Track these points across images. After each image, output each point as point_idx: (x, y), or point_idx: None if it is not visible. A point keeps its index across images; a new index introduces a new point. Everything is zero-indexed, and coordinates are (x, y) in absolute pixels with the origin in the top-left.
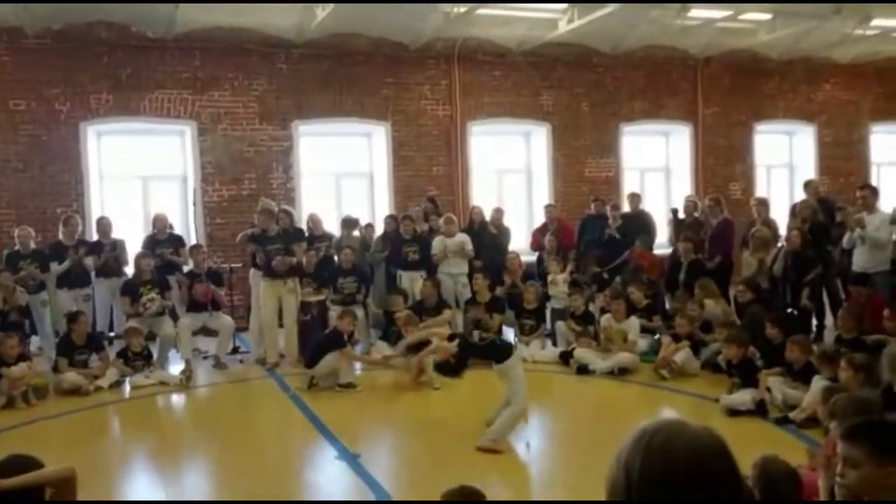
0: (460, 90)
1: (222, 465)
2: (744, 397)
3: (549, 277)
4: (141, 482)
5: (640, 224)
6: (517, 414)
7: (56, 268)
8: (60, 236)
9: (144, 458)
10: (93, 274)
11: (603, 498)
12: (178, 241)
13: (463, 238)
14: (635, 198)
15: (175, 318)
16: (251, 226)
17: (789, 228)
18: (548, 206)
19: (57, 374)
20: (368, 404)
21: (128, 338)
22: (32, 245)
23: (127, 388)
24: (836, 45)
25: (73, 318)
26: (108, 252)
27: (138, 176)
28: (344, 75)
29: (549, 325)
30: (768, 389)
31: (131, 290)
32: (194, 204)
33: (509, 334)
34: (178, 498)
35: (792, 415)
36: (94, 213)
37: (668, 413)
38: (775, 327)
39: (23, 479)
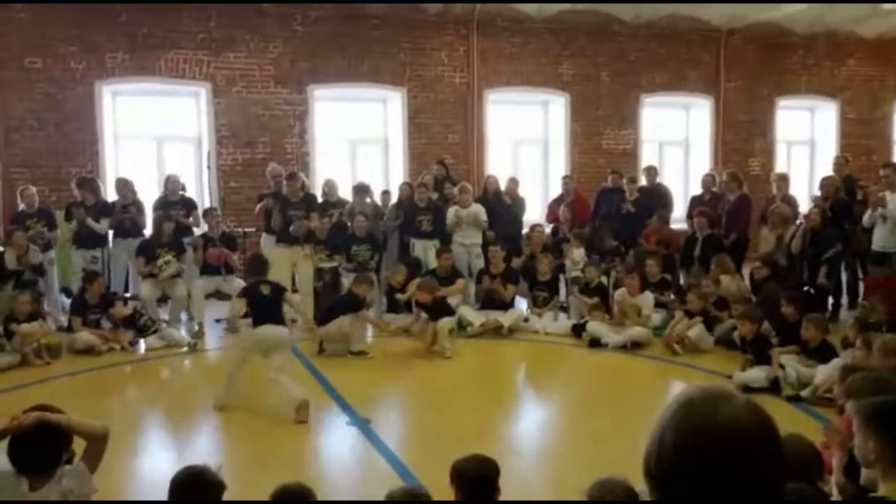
0: (478, 57)
1: (234, 427)
2: (758, 375)
3: (566, 250)
4: (152, 441)
5: (656, 198)
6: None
7: (69, 226)
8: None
9: (156, 419)
10: (111, 234)
11: (617, 469)
12: (189, 204)
13: (477, 208)
14: (652, 171)
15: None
16: (267, 189)
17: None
18: (565, 178)
19: (70, 334)
20: (380, 371)
21: (115, 311)
22: (37, 205)
23: (142, 346)
24: (864, 20)
25: (89, 277)
26: (118, 212)
27: (153, 137)
28: (360, 39)
29: (563, 298)
30: (781, 367)
31: (147, 251)
32: (209, 167)
33: (522, 305)
34: (190, 460)
35: (804, 393)
36: (109, 173)
37: (680, 387)
38: (791, 305)
39: (67, 420)
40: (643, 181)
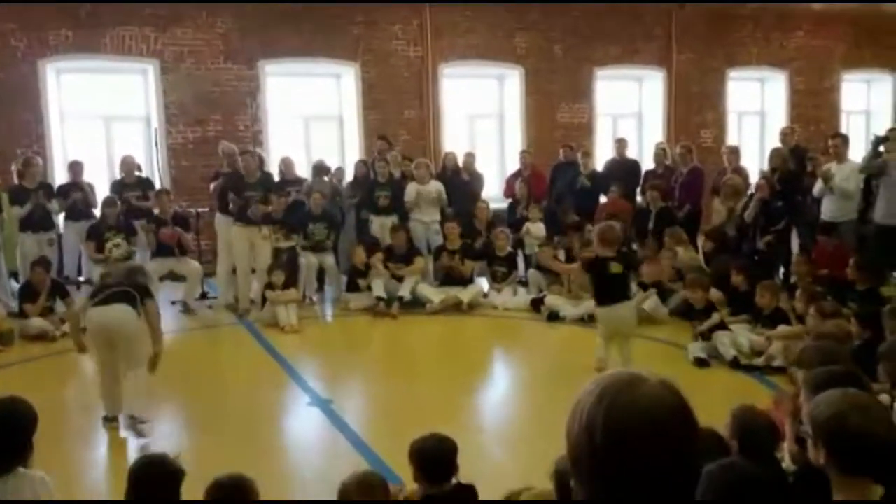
0: (432, 31)
1: (193, 411)
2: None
3: (525, 226)
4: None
5: (624, 171)
6: None
7: (18, 211)
8: (18, 179)
9: None
10: (62, 217)
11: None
12: (147, 185)
13: (437, 186)
14: (622, 143)
15: None
16: (221, 168)
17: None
18: (523, 153)
19: (22, 320)
20: (338, 348)
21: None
22: None
23: None
24: None
25: (32, 266)
26: (75, 195)
27: (100, 116)
28: (312, 13)
29: (522, 273)
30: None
31: (96, 235)
32: (156, 145)
33: (482, 282)
34: (148, 448)
35: (757, 362)
36: (56, 154)
37: (637, 358)
38: (740, 274)
39: None
40: (613, 154)
